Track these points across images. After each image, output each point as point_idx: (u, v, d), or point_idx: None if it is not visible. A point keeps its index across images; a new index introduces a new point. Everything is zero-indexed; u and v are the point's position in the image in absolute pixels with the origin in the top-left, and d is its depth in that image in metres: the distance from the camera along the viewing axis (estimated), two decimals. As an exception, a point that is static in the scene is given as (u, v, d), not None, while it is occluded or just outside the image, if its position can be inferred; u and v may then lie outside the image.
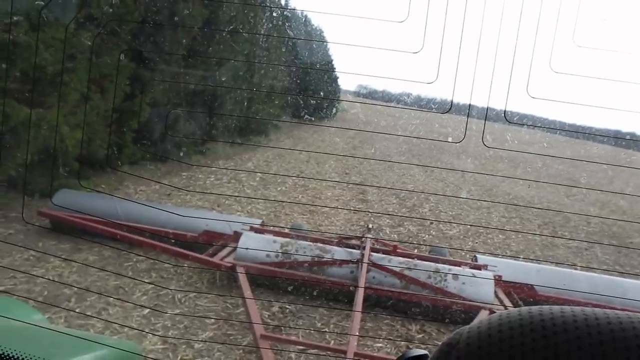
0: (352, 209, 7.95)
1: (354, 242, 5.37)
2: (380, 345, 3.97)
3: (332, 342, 3.90)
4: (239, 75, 10.35)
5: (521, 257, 6.63)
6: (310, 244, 4.91)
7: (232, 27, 9.63)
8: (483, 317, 0.55)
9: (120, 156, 7.62)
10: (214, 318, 4.00)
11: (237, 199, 7.52)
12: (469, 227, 7.83)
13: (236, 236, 4.92)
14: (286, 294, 4.53)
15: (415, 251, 5.82)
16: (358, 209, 8.16)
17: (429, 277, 4.57)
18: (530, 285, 4.74)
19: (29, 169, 5.39)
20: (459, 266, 5.04)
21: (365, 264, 4.56)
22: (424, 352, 0.66)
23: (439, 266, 4.82)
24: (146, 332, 3.58)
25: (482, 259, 5.40)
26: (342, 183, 9.77)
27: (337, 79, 18.52)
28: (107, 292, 4.13)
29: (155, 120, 8.30)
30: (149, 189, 7.41)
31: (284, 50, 13.49)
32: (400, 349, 3.93)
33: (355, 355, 3.24)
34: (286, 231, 5.61)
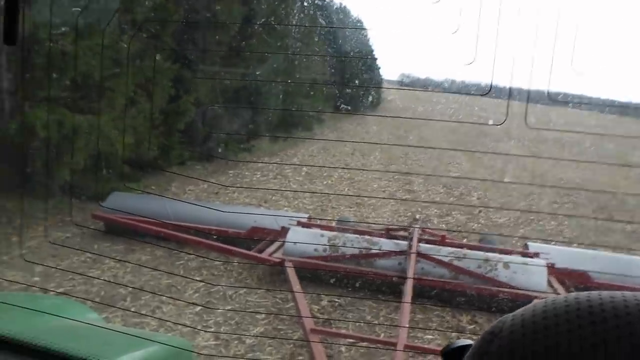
0: (399, 198, 7.89)
1: (401, 233, 5.33)
2: (430, 337, 3.93)
3: (382, 335, 3.89)
4: (280, 70, 10.41)
5: (575, 244, 6.42)
6: (358, 236, 4.91)
7: (270, 22, 9.69)
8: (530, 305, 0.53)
9: (167, 157, 7.80)
10: (264, 313, 4.05)
11: (283, 194, 7.58)
12: (519, 214, 7.63)
13: (284, 231, 4.96)
14: (334, 287, 4.54)
15: (464, 240, 5.72)
16: (404, 199, 8.09)
17: (479, 267, 4.49)
18: (585, 272, 4.59)
19: (81, 174, 5.59)
20: (510, 254, 4.93)
21: (413, 254, 4.52)
22: (469, 342, 0.65)
23: (489, 255, 4.73)
24: (199, 329, 3.66)
25: (534, 246, 5.26)
26: (388, 173, 9.70)
27: (378, 69, 18.33)
28: (160, 291, 4.24)
29: (200, 119, 8.46)
30: (197, 188, 7.56)
31: (324, 45, 13.47)
32: (452, 340, 3.88)
33: (406, 347, 3.21)
34: (333, 224, 5.62)
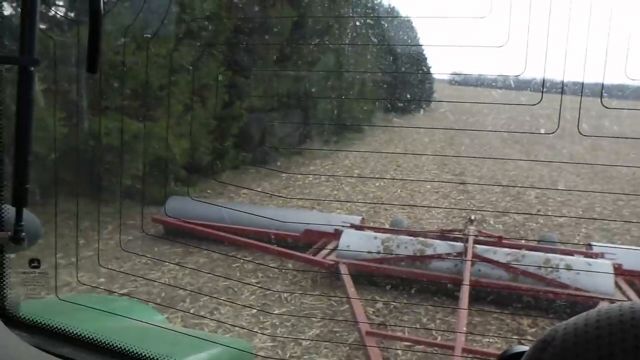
0: (450, 207, 7.76)
1: (456, 235, 5.24)
2: (489, 340, 3.85)
3: (439, 338, 3.84)
4: (331, 75, 10.46)
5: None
6: (412, 238, 4.86)
7: (322, 30, 9.75)
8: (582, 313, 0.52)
9: (223, 162, 7.98)
10: (320, 317, 4.08)
11: (336, 197, 7.60)
12: (580, 212, 7.36)
13: (337, 234, 4.98)
14: (389, 290, 4.52)
15: (523, 241, 5.57)
16: (459, 200, 7.95)
17: (539, 268, 4.36)
18: None
19: (140, 179, 5.80)
20: (572, 255, 4.76)
21: (469, 256, 4.44)
22: (525, 348, 0.64)
23: (549, 256, 4.58)
24: (255, 331, 3.72)
25: (598, 246, 5.06)
26: (442, 174, 9.56)
27: (429, 69, 18.15)
28: (217, 293, 4.34)
29: (254, 125, 8.61)
30: (251, 191, 7.69)
31: (373, 47, 13.44)
32: (513, 344, 3.79)
33: (464, 351, 3.16)
34: (386, 227, 5.59)
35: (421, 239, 4.89)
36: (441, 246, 4.73)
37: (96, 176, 5.32)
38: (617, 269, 4.42)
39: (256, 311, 4.05)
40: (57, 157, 4.41)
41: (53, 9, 5.73)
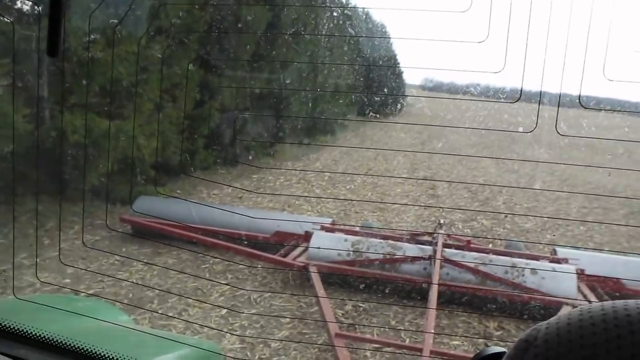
0: (422, 205, 7.84)
1: (425, 239, 5.29)
2: (457, 342, 3.89)
3: (408, 340, 3.87)
4: (303, 76, 10.45)
5: (606, 249, 6.29)
6: (382, 241, 4.88)
7: (294, 29, 9.73)
8: (564, 312, 0.51)
9: (192, 162, 7.88)
10: (289, 317, 4.06)
11: (306, 199, 7.59)
12: (546, 219, 7.52)
13: (307, 236, 4.97)
14: (359, 292, 4.53)
15: (490, 246, 5.66)
16: (428, 204, 8.03)
17: (506, 272, 4.43)
18: (617, 278, 4.49)
19: (109, 178, 5.69)
20: (537, 260, 4.85)
21: (438, 260, 4.48)
22: (501, 349, 0.64)
23: (516, 260, 4.66)
24: (225, 331, 3.69)
25: (562, 252, 5.17)
26: (411, 178, 9.64)
27: (401, 74, 18.25)
28: (186, 294, 4.28)
29: (224, 125, 8.53)
30: (221, 192, 7.62)
31: (347, 48, 13.48)
32: (478, 346, 3.84)
33: (432, 353, 3.19)
34: (357, 229, 5.61)
35: (391, 241, 4.91)
36: (410, 249, 4.77)
37: (61, 174, 5.20)
38: (581, 274, 4.53)
39: (225, 312, 4.01)
40: (14, 153, 4.28)
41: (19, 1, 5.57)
